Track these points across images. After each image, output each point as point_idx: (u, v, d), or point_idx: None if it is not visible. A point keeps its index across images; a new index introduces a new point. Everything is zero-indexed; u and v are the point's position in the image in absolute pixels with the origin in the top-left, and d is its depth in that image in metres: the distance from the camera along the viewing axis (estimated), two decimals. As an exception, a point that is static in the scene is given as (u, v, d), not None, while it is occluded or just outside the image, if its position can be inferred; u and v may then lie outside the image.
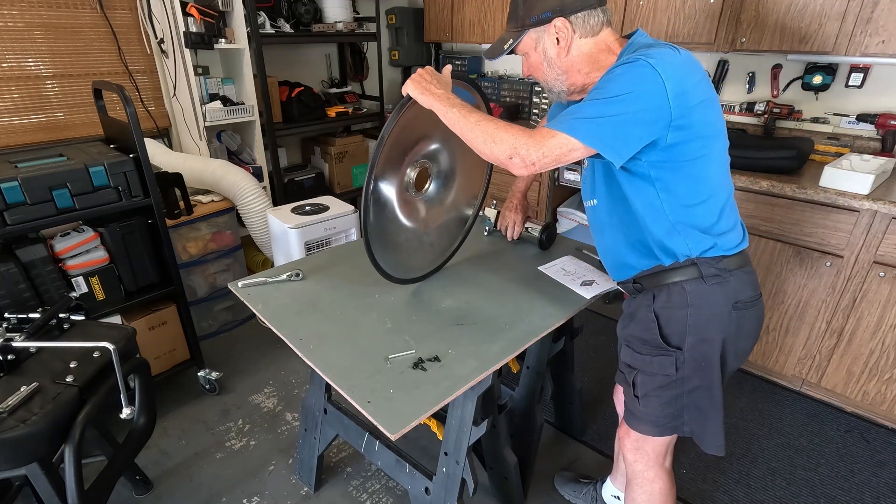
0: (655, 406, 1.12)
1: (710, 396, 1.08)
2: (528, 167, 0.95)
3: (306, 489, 1.71)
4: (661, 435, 1.15)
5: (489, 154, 0.99)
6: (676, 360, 1.07)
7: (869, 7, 1.79)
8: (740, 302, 1.05)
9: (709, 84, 0.98)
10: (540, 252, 1.60)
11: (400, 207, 1.27)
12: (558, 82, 1.10)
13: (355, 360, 1.07)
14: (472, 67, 3.45)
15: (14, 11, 2.13)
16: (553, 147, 0.94)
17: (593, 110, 0.92)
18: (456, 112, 1.02)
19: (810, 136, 2.25)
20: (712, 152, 0.99)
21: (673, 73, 0.90)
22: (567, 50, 1.04)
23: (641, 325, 1.11)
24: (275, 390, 2.16)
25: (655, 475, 1.21)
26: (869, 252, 1.80)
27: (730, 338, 1.06)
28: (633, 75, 0.90)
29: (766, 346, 2.15)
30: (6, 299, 1.57)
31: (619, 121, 0.90)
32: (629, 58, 0.93)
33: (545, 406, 1.99)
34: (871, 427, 1.99)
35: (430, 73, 1.10)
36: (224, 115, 2.53)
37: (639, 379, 1.13)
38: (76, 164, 1.60)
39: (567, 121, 0.94)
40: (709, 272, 1.03)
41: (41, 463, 1.17)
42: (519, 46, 1.09)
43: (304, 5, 2.79)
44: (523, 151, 0.94)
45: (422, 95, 1.06)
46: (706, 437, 1.12)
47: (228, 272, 2.52)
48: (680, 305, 1.05)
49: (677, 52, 0.94)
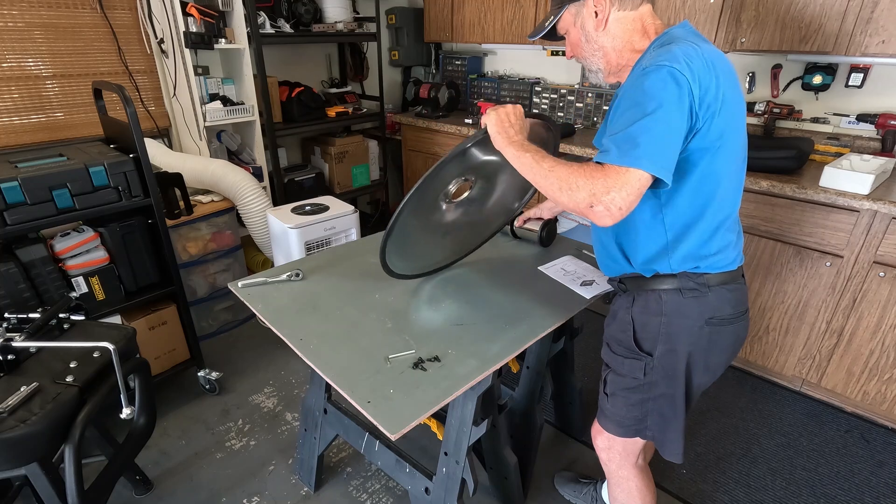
0: (621, 406, 1.14)
1: (674, 406, 1.09)
2: (614, 216, 0.86)
3: (306, 489, 1.71)
4: (625, 436, 1.17)
5: (567, 203, 0.91)
6: (646, 366, 1.08)
7: (869, 7, 1.79)
8: (716, 318, 1.04)
9: (729, 87, 0.93)
10: (540, 252, 1.60)
11: (428, 213, 1.26)
12: (595, 59, 1.07)
13: (355, 360, 1.07)
14: (472, 67, 3.45)
15: (14, 11, 2.12)
16: (633, 186, 0.86)
17: (642, 133, 0.86)
18: (528, 158, 0.97)
19: (810, 136, 2.25)
20: (720, 165, 0.96)
21: (696, 75, 0.87)
22: (605, 22, 1.01)
23: (619, 326, 1.12)
24: (275, 390, 2.17)
25: (629, 474, 1.23)
26: (869, 252, 1.80)
27: (699, 352, 1.06)
28: (660, 84, 0.86)
29: (766, 346, 2.16)
30: (6, 299, 1.57)
31: (666, 140, 0.86)
32: (653, 61, 0.89)
33: (545, 406, 1.99)
34: (871, 427, 1.99)
35: (515, 115, 1.05)
36: (224, 115, 2.53)
37: (610, 377, 1.16)
38: (76, 164, 1.60)
39: (626, 150, 0.86)
40: (687, 286, 1.03)
41: (41, 463, 1.16)
42: (560, 24, 1.07)
43: (304, 5, 2.79)
44: (606, 198, 0.85)
45: (498, 136, 1.02)
46: (666, 444, 1.13)
47: (228, 272, 2.52)
48: (655, 313, 1.06)
49: (698, 50, 0.90)
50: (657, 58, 0.89)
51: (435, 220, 1.30)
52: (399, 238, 1.21)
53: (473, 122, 2.98)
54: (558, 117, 2.98)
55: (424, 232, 1.30)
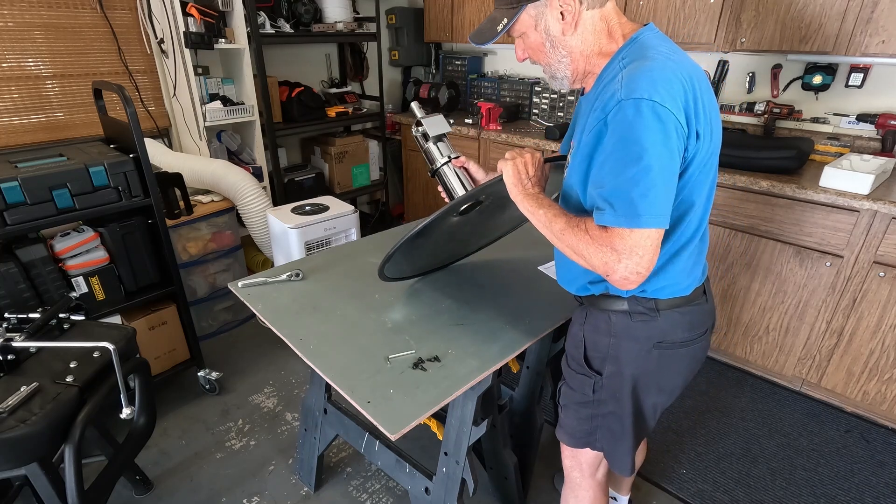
0: (572, 418, 1.13)
1: (622, 424, 1.07)
2: (634, 281, 0.83)
3: (306, 489, 1.71)
4: (576, 447, 1.16)
5: (585, 265, 0.89)
6: (594, 384, 1.06)
7: (869, 7, 1.79)
8: (665, 342, 1.00)
9: (709, 101, 0.87)
10: (539, 252, 1.60)
11: (433, 232, 1.24)
12: (562, 66, 0.95)
13: (355, 360, 1.07)
14: (472, 67, 3.45)
15: (14, 11, 2.12)
16: (643, 246, 0.81)
17: (634, 187, 0.79)
18: (542, 216, 0.93)
19: (810, 136, 2.25)
20: (692, 191, 0.90)
21: (678, 103, 0.80)
22: (574, 25, 0.90)
23: (572, 341, 1.11)
24: (275, 390, 2.16)
25: (588, 485, 1.21)
26: (869, 252, 1.80)
27: (647, 374, 1.02)
28: (642, 125, 0.78)
29: (766, 346, 2.16)
30: (6, 299, 1.57)
31: (661, 188, 0.80)
32: (629, 89, 0.80)
33: (545, 406, 1.99)
34: (871, 427, 1.99)
35: (533, 164, 1.00)
36: (224, 115, 2.53)
37: (563, 389, 1.15)
38: (76, 164, 1.60)
39: (623, 210, 0.80)
40: (635, 309, 0.98)
41: (41, 463, 1.17)
42: (515, 26, 0.94)
43: (304, 5, 2.79)
44: (619, 267, 0.82)
45: (514, 187, 0.99)
46: (614, 458, 1.12)
47: (228, 272, 2.52)
48: (604, 333, 1.03)
49: (674, 67, 0.82)
50: (632, 82, 0.80)
51: (440, 231, 1.28)
52: (400, 254, 1.21)
53: (473, 121, 2.98)
54: (558, 117, 2.98)
55: (427, 241, 1.29)
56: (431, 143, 1.21)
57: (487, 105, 2.93)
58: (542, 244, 1.62)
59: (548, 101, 3.02)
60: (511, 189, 0.99)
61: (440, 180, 1.22)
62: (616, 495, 1.56)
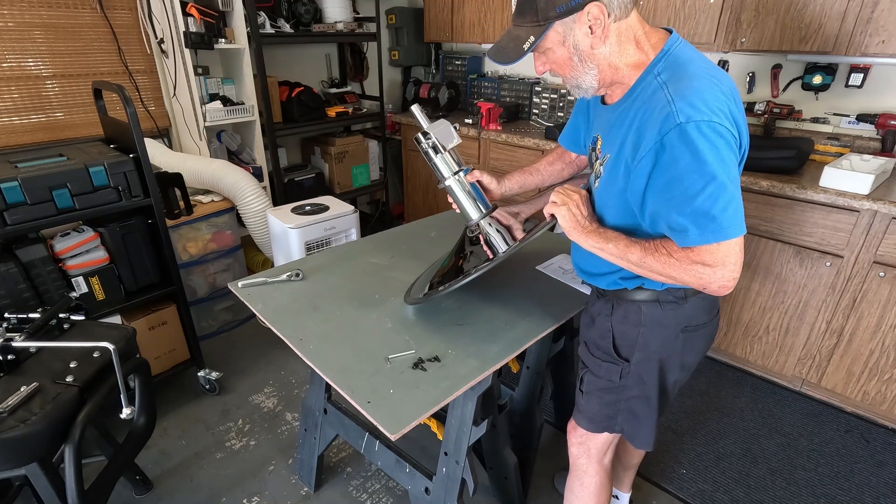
0: (595, 405, 1.16)
1: (648, 405, 1.12)
2: (730, 287, 0.89)
3: (306, 489, 1.71)
4: (596, 431, 1.19)
5: (673, 283, 0.94)
6: (622, 371, 1.10)
7: (869, 7, 1.79)
8: (691, 326, 1.06)
9: (740, 110, 0.92)
10: (539, 251, 1.60)
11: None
12: (588, 77, 0.95)
13: (355, 360, 1.07)
14: (472, 67, 3.45)
15: (14, 11, 2.12)
16: (732, 255, 0.87)
17: (714, 204, 0.84)
18: (612, 249, 0.95)
19: (810, 136, 2.25)
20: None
21: (734, 121, 0.86)
22: (604, 38, 0.90)
23: (598, 332, 1.13)
24: (275, 390, 2.16)
25: (595, 471, 1.25)
26: (869, 252, 1.80)
27: (673, 356, 1.08)
28: (708, 144, 0.82)
29: (766, 346, 2.16)
30: (6, 299, 1.57)
31: (735, 198, 0.86)
32: (687, 111, 0.83)
33: (545, 406, 1.99)
34: (871, 427, 1.99)
35: (584, 203, 1.02)
36: (224, 115, 2.53)
37: (587, 377, 1.17)
38: (76, 164, 1.60)
39: (707, 228, 0.85)
40: (666, 299, 1.04)
41: (41, 463, 1.17)
42: (542, 43, 0.93)
43: (304, 5, 2.79)
44: (715, 279, 0.87)
45: (573, 231, 1.00)
46: (637, 436, 1.16)
47: (228, 272, 2.52)
48: (635, 323, 1.07)
49: (720, 86, 0.87)
50: (686, 104, 0.83)
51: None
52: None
53: (473, 121, 2.98)
54: (558, 117, 2.98)
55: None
56: (441, 155, 1.18)
57: (487, 105, 2.93)
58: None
59: (548, 102, 3.02)
60: (571, 233, 1.01)
61: (453, 197, 1.21)
62: (618, 493, 1.57)
